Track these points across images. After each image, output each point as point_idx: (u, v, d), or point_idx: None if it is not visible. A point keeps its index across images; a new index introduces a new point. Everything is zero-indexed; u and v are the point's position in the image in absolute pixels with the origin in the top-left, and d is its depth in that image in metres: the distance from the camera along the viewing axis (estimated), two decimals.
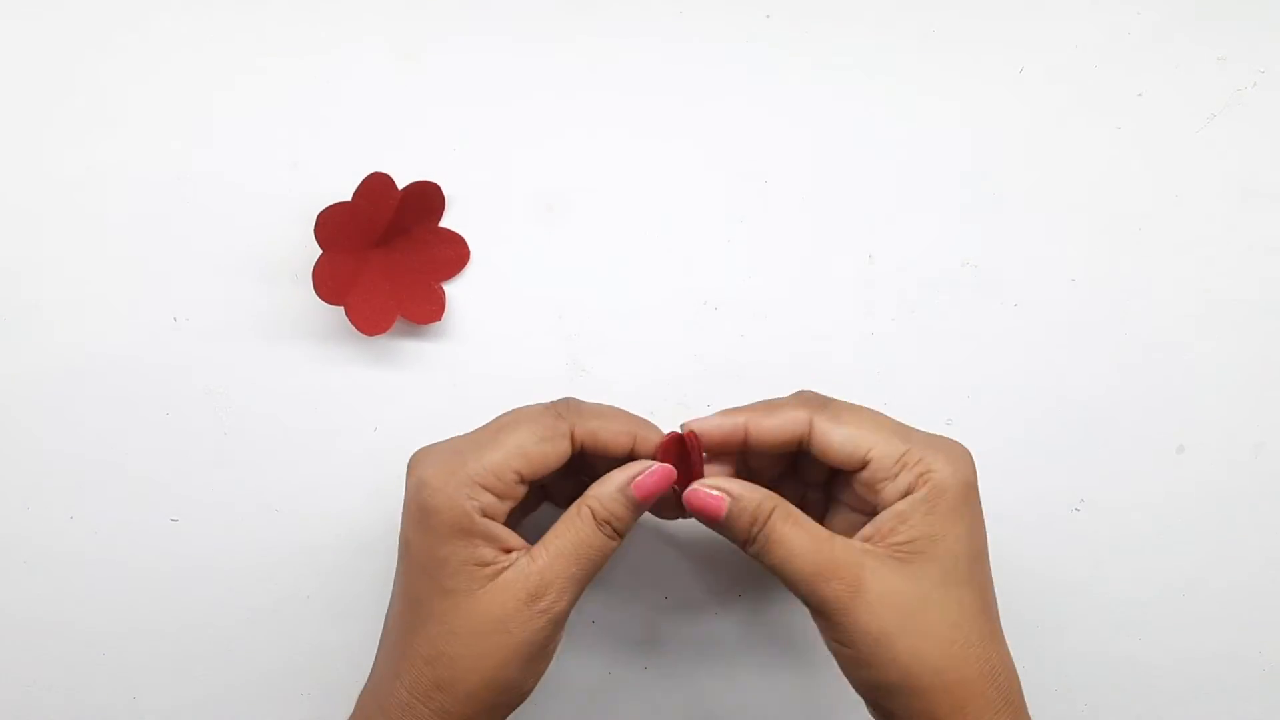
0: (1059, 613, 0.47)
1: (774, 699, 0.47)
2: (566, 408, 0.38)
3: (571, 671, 0.46)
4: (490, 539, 0.36)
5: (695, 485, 0.38)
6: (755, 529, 0.37)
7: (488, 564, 0.36)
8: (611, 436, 0.38)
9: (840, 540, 0.36)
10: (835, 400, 0.39)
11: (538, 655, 0.37)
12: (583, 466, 0.40)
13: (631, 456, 0.38)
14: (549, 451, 0.37)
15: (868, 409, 0.39)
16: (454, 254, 0.46)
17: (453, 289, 0.46)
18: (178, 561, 0.46)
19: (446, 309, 0.46)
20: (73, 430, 0.46)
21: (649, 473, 0.37)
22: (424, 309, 0.45)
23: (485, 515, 0.36)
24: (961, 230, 0.47)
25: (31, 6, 0.46)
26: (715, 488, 0.37)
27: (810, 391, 0.40)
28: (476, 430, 0.38)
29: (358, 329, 0.44)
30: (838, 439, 0.37)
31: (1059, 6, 0.47)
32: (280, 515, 0.46)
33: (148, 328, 0.46)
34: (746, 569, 0.46)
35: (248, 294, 0.46)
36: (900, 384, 0.46)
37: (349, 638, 0.46)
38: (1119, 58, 0.47)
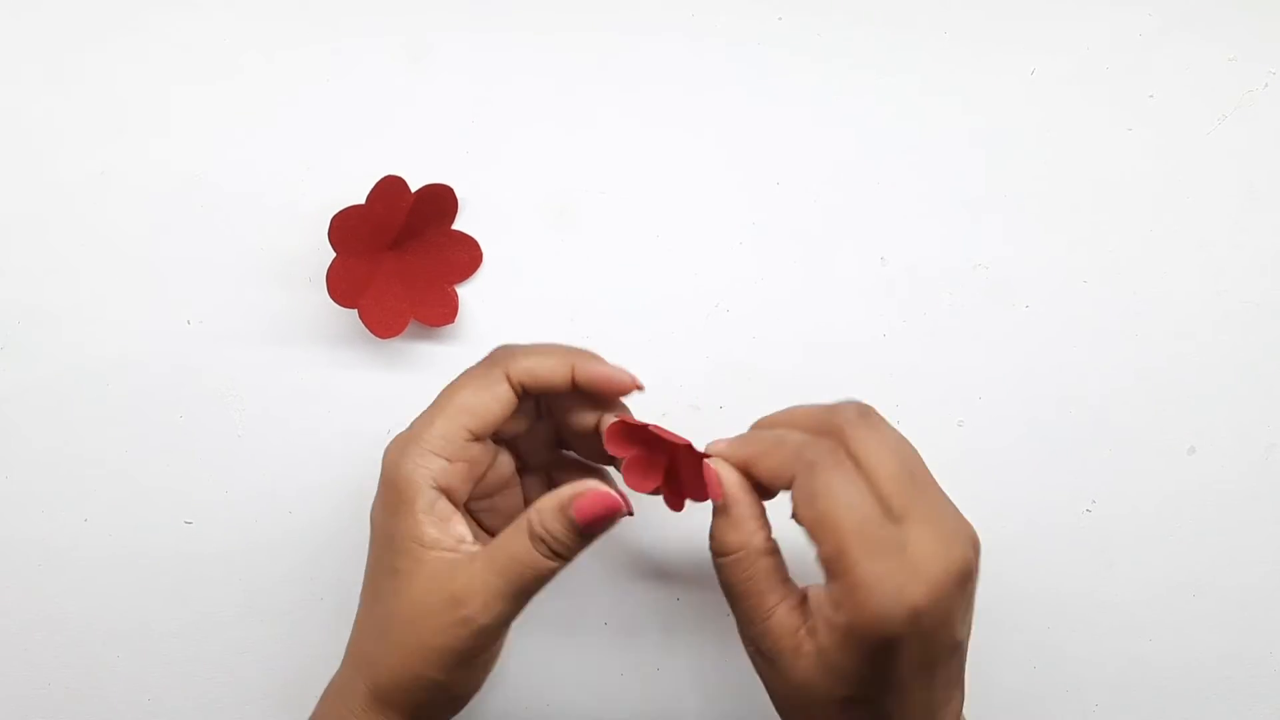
0: (1069, 613, 0.47)
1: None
2: (500, 353, 0.38)
3: (584, 673, 0.47)
4: (434, 514, 0.36)
5: (707, 464, 0.36)
6: (735, 558, 0.36)
7: (429, 546, 0.35)
8: (548, 371, 0.37)
9: (795, 617, 0.34)
10: (833, 460, 0.34)
11: (463, 665, 0.35)
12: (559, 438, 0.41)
13: (576, 385, 0.37)
14: (489, 400, 0.37)
15: (851, 490, 0.33)
16: (467, 257, 0.46)
17: (466, 291, 0.46)
18: (192, 563, 0.46)
19: (460, 312, 0.46)
20: (88, 433, 0.46)
21: (589, 496, 0.35)
22: (437, 311, 0.45)
23: (439, 486, 0.36)
24: (973, 232, 0.47)
25: (44, 11, 0.46)
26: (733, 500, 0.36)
27: (841, 417, 0.35)
28: (428, 406, 0.38)
29: (371, 332, 0.44)
30: (803, 515, 0.34)
31: (1070, 8, 0.47)
32: (294, 517, 0.46)
33: (162, 331, 0.46)
34: None
35: (262, 297, 0.46)
36: (912, 385, 0.47)
37: None
38: (1130, 59, 0.47)
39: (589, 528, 0.35)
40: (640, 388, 0.38)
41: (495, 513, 0.41)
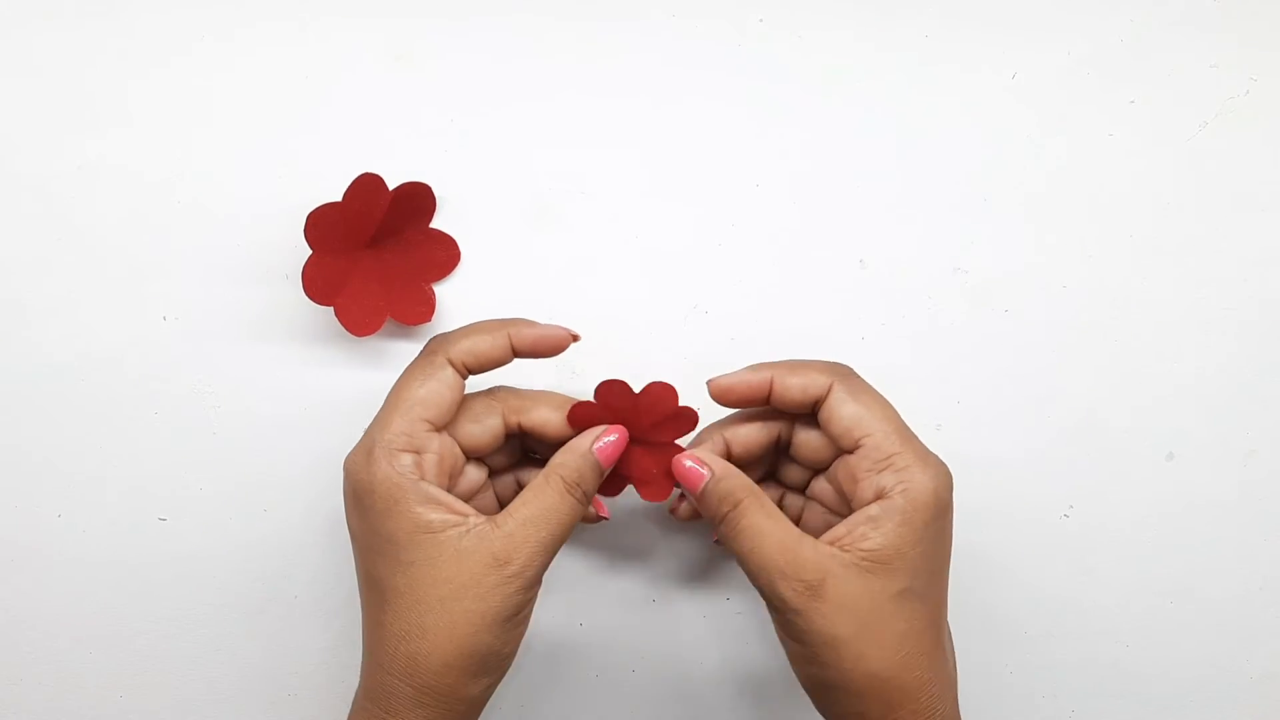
0: (1047, 619, 0.47)
1: (761, 702, 0.47)
2: (436, 342, 0.39)
3: (559, 674, 0.46)
4: (430, 501, 0.37)
5: (680, 455, 0.39)
6: (726, 509, 0.37)
7: (440, 530, 0.36)
8: (487, 346, 0.39)
9: (809, 541, 0.37)
10: (860, 378, 0.40)
11: (511, 620, 0.37)
12: (523, 445, 0.42)
13: (515, 353, 0.39)
14: (438, 387, 0.38)
15: (884, 400, 0.39)
16: (445, 255, 0.46)
17: (443, 290, 0.46)
18: (166, 560, 0.46)
19: (437, 310, 0.46)
20: (62, 429, 0.46)
21: (607, 439, 0.39)
22: (414, 310, 0.45)
23: (416, 479, 0.37)
24: (953, 236, 0.47)
25: (22, 8, 0.46)
26: (699, 461, 0.39)
27: (839, 363, 0.40)
28: (379, 410, 0.39)
29: (348, 330, 0.44)
30: (846, 412, 0.38)
31: (1052, 13, 0.47)
32: (269, 515, 0.46)
33: (138, 327, 0.46)
34: (735, 573, 0.46)
35: (238, 294, 0.46)
36: (890, 389, 0.46)
37: (337, 638, 0.46)
38: (1111, 65, 0.47)
39: (608, 465, 0.39)
40: (576, 338, 0.40)
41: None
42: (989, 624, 0.46)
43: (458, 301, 0.46)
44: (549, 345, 0.40)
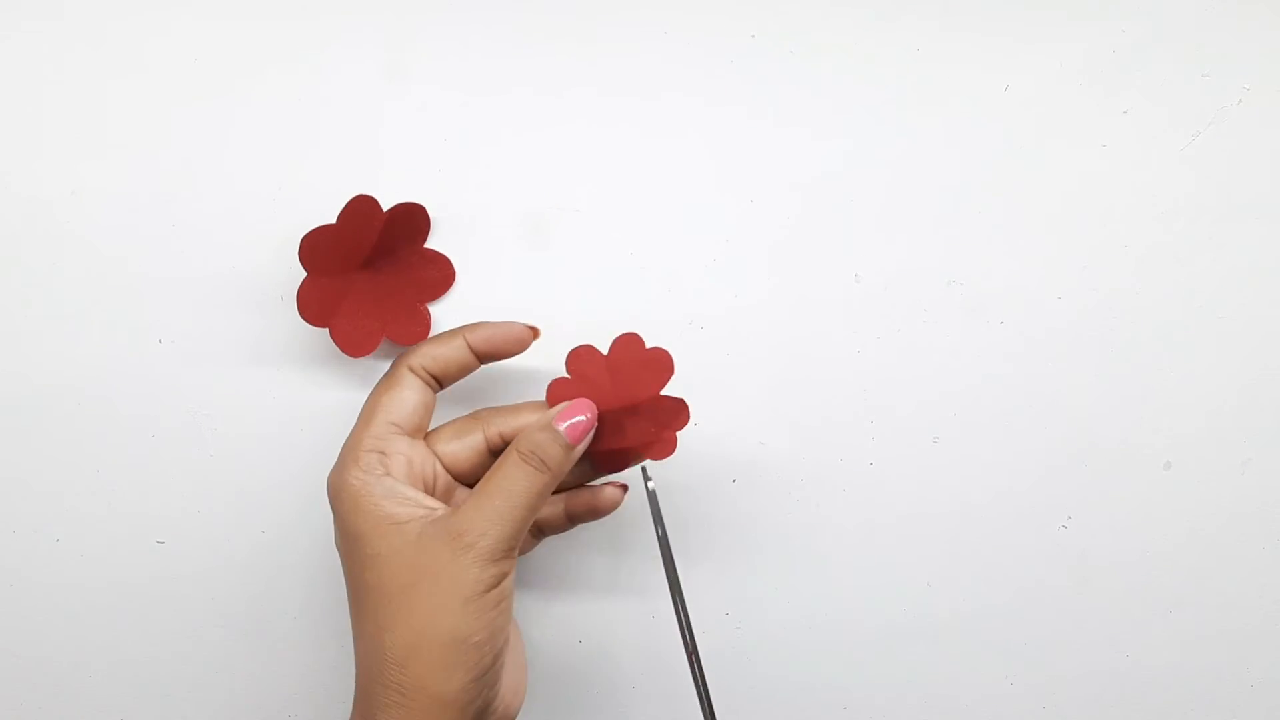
0: (1045, 629, 0.47)
1: (763, 718, 0.47)
2: (399, 356, 0.41)
3: (559, 692, 0.46)
4: (394, 496, 0.37)
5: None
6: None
7: (404, 521, 0.36)
8: (447, 351, 0.40)
9: None
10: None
11: (474, 601, 0.35)
12: None
13: (475, 354, 0.41)
14: (401, 392, 0.40)
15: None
16: (439, 275, 0.46)
17: (438, 310, 0.46)
18: (164, 584, 0.46)
19: (432, 330, 0.45)
20: (58, 453, 0.46)
21: (569, 406, 0.39)
22: (410, 330, 0.45)
23: (381, 475, 0.37)
24: (947, 248, 0.47)
25: (15, 25, 0.46)
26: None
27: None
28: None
29: (343, 351, 0.44)
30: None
31: (1043, 24, 0.47)
32: (266, 537, 0.46)
33: (133, 350, 0.46)
34: (734, 588, 0.47)
35: (233, 316, 0.46)
36: (886, 402, 0.46)
37: (335, 658, 0.46)
38: (1104, 75, 0.47)
39: (572, 428, 0.38)
40: (537, 333, 0.41)
41: None
42: (986, 635, 0.47)
43: (453, 321, 0.46)
44: (506, 342, 0.40)
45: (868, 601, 0.46)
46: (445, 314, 0.46)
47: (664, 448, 0.41)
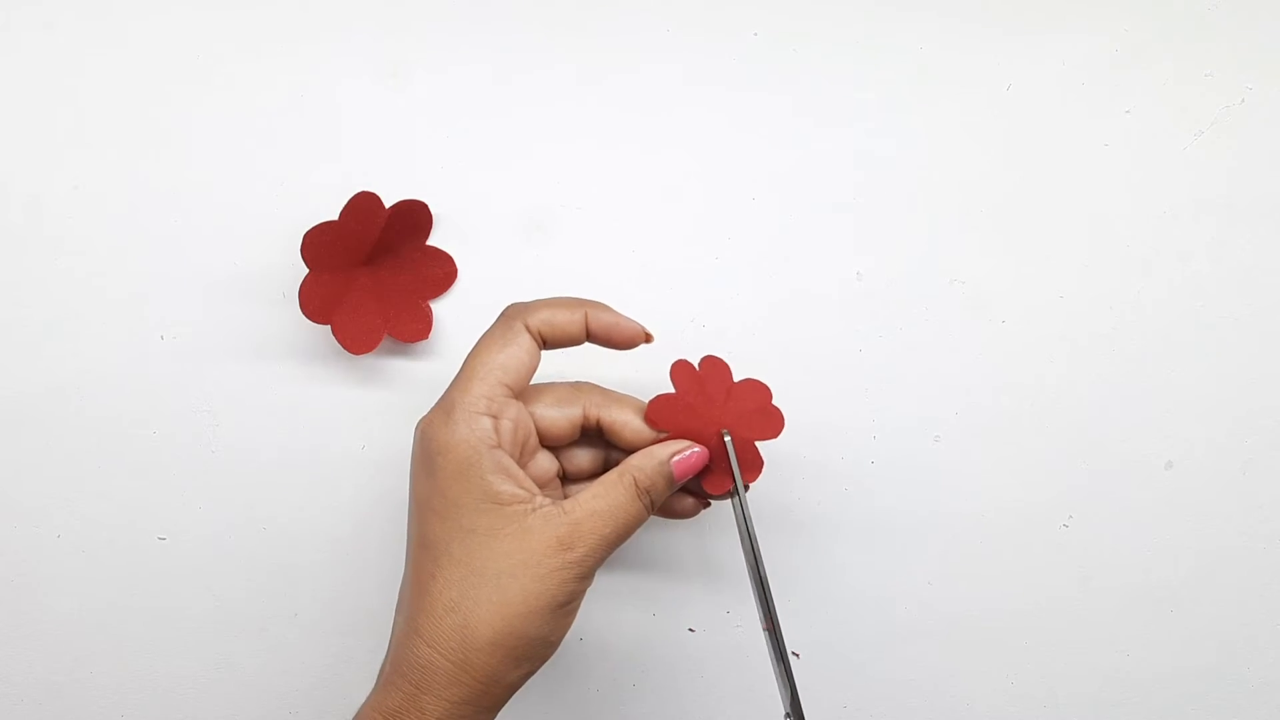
0: (1047, 627, 0.47)
1: (762, 716, 0.47)
2: (514, 309, 0.39)
3: (560, 689, 0.46)
4: (503, 471, 0.36)
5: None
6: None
7: (507, 503, 0.36)
8: (565, 320, 0.38)
9: None
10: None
11: (563, 608, 0.36)
12: (597, 442, 0.41)
13: (589, 334, 0.39)
14: (517, 352, 0.38)
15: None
16: (441, 272, 0.46)
17: (440, 307, 0.46)
18: (166, 579, 0.46)
19: (434, 327, 0.46)
20: (60, 448, 0.46)
21: (688, 454, 0.39)
22: (411, 327, 0.45)
23: (493, 441, 0.36)
24: (949, 247, 0.47)
25: (21, 24, 0.46)
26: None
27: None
28: (457, 376, 0.38)
29: (345, 348, 0.44)
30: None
31: (1047, 24, 0.47)
32: (268, 533, 0.46)
33: (136, 346, 0.46)
34: (734, 587, 0.47)
35: (235, 313, 0.46)
36: (888, 400, 0.46)
37: (337, 656, 0.46)
38: (1107, 75, 0.47)
39: (682, 479, 0.39)
40: (650, 338, 0.40)
41: None
42: (988, 634, 0.46)
43: (455, 318, 0.46)
44: (622, 336, 0.39)
45: (868, 600, 0.46)
46: (447, 310, 0.46)
47: (754, 471, 0.40)
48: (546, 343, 0.39)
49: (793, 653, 0.47)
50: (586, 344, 0.40)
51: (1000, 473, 0.46)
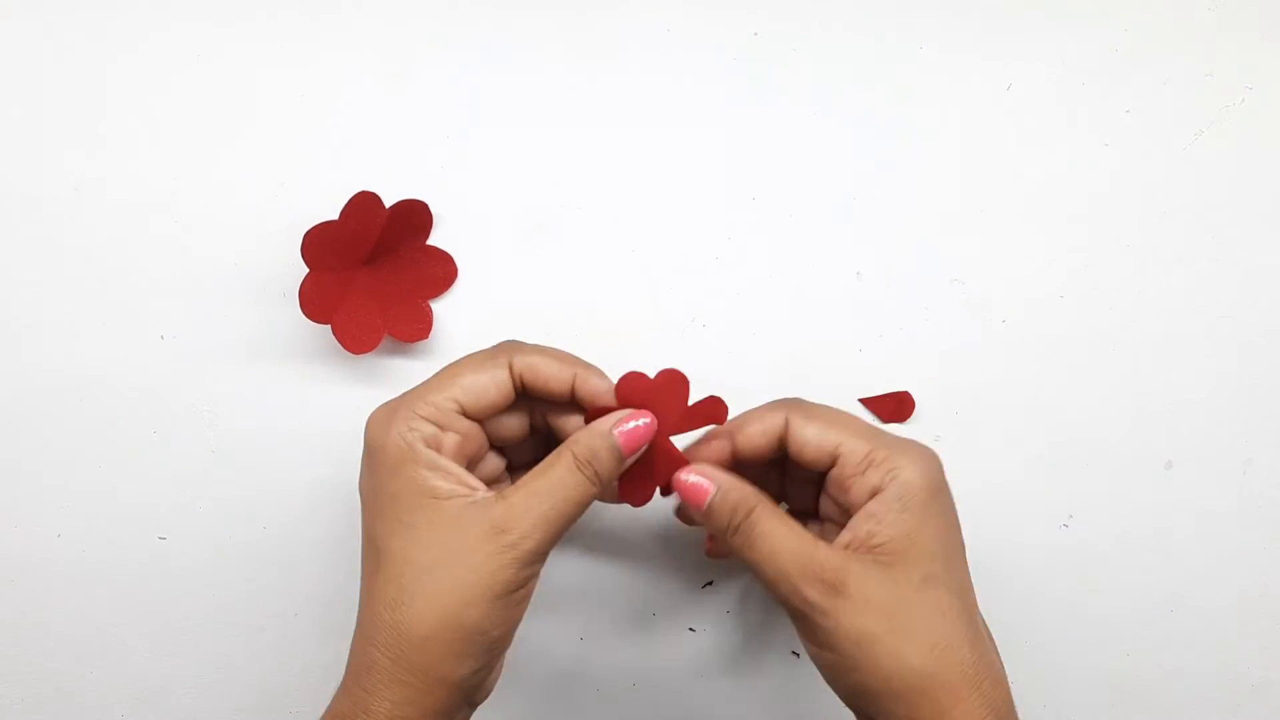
0: (1047, 628, 0.47)
1: (764, 717, 0.47)
2: (507, 344, 0.39)
3: (559, 689, 0.46)
4: (438, 469, 0.36)
5: (681, 473, 0.38)
6: (739, 518, 0.37)
7: (444, 497, 0.35)
8: (551, 372, 0.38)
9: (824, 544, 0.36)
10: (810, 402, 0.40)
11: (503, 598, 0.35)
12: (550, 442, 0.40)
13: (574, 399, 0.38)
14: (486, 381, 0.37)
15: (840, 410, 0.39)
16: (442, 272, 0.46)
17: (440, 307, 0.46)
18: (166, 579, 0.46)
19: (434, 327, 0.46)
20: (60, 448, 0.46)
21: (635, 423, 0.37)
22: (411, 327, 0.45)
23: (430, 446, 0.36)
24: (949, 247, 0.47)
25: (18, 23, 0.46)
26: (702, 475, 0.38)
27: (788, 397, 0.40)
28: (425, 380, 0.38)
29: (345, 347, 0.44)
30: (810, 434, 0.38)
31: (1047, 23, 0.47)
32: (268, 533, 0.46)
33: (135, 345, 0.46)
34: (734, 587, 0.47)
35: (235, 312, 0.46)
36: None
37: (337, 655, 0.46)
38: (1107, 74, 0.47)
39: (628, 449, 0.37)
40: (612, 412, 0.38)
41: None
42: (990, 632, 0.46)
43: (455, 318, 0.46)
44: (590, 400, 0.38)
45: None
46: (447, 311, 0.46)
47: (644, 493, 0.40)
48: (526, 388, 0.38)
49: (792, 653, 0.47)
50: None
51: (1000, 472, 0.47)
